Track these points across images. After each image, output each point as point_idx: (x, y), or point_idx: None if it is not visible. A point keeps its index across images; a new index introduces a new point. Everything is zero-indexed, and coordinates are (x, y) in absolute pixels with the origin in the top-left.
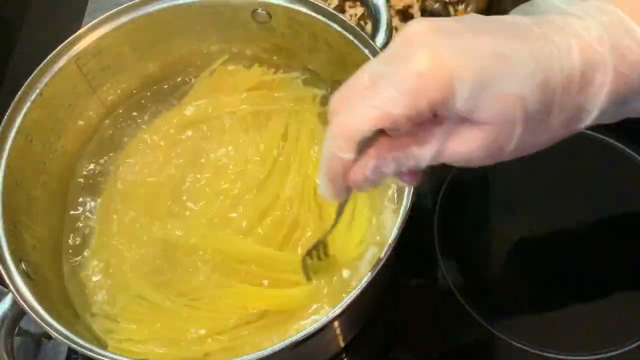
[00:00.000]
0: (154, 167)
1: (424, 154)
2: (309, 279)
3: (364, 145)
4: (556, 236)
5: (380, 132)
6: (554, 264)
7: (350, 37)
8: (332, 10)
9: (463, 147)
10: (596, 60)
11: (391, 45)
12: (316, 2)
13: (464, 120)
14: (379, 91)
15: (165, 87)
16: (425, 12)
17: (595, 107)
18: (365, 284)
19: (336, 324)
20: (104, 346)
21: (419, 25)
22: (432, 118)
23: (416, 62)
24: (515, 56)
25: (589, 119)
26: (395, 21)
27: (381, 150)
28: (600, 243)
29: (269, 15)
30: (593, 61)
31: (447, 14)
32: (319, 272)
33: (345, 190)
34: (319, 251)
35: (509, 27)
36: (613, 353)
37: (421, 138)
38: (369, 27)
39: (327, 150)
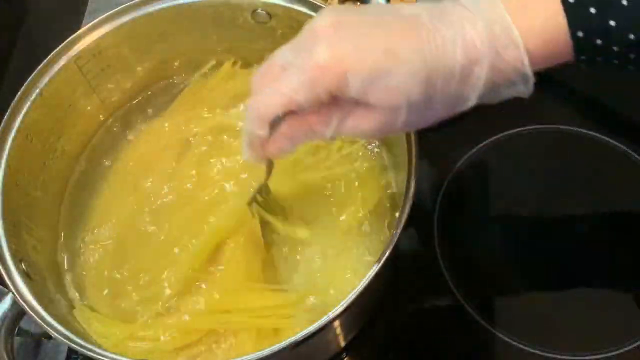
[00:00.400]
0: (154, 170)
1: (326, 130)
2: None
3: (277, 122)
4: (556, 236)
5: (290, 111)
6: (554, 264)
7: None
8: None
9: (357, 125)
10: (476, 57)
11: (301, 33)
12: (316, 2)
13: (359, 103)
14: (286, 78)
15: (165, 86)
16: None
17: (472, 95)
18: (365, 284)
19: (336, 324)
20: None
21: (325, 19)
22: (332, 100)
23: (317, 56)
24: (403, 54)
25: (468, 104)
26: None
27: (291, 127)
28: (601, 243)
29: (269, 15)
30: (473, 58)
31: None
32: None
33: (264, 157)
34: (261, 194)
35: (404, 22)
36: (613, 353)
37: (323, 117)
38: None
39: (246, 126)
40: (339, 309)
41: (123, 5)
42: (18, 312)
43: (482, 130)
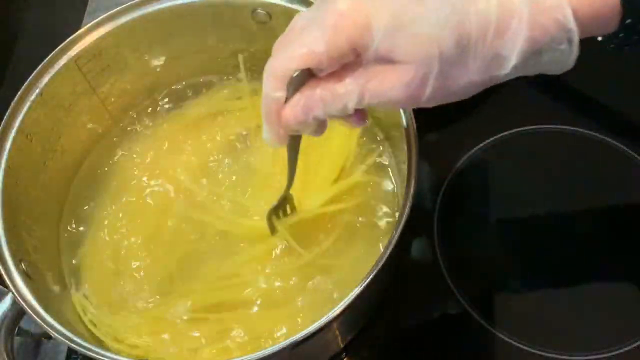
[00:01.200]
0: (156, 171)
1: (348, 93)
2: (273, 232)
3: (295, 86)
4: (556, 236)
5: (310, 76)
6: (554, 264)
7: None
8: None
9: (383, 86)
10: (511, 6)
11: None
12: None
13: (384, 61)
14: (306, 33)
15: (164, 86)
16: None
17: (512, 54)
18: (365, 284)
19: (336, 324)
20: (104, 346)
21: None
22: (355, 60)
23: (338, 4)
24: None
25: (508, 67)
26: None
27: (309, 90)
28: (601, 243)
29: (269, 15)
30: (509, 8)
31: None
32: (289, 226)
33: (281, 130)
34: (285, 207)
35: None
36: (613, 353)
37: (344, 78)
38: None
39: (263, 92)
40: (338, 309)
41: (123, 5)
42: (18, 312)
43: (482, 130)
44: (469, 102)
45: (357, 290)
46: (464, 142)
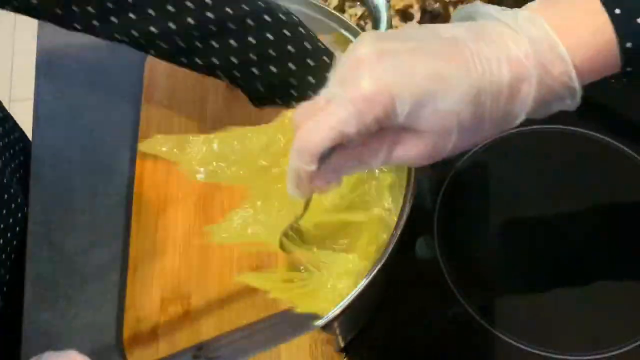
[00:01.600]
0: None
1: (375, 160)
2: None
3: (325, 156)
4: (556, 236)
5: (338, 144)
6: (554, 264)
7: (351, 37)
8: (332, 10)
9: (406, 152)
10: (523, 73)
11: (341, 65)
12: (316, 2)
13: (407, 129)
14: (333, 111)
15: None
16: (426, 12)
17: (522, 112)
18: (365, 284)
19: (336, 324)
20: None
21: (365, 48)
22: (380, 129)
23: (362, 87)
24: (449, 76)
25: (517, 121)
26: (395, 21)
27: (339, 160)
28: (601, 243)
29: None
30: (520, 74)
31: (447, 14)
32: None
33: (310, 192)
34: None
35: (445, 45)
36: (613, 353)
37: (371, 147)
38: (369, 27)
39: (293, 162)
40: (338, 309)
41: None
42: None
43: None
44: None
45: (357, 290)
46: None
